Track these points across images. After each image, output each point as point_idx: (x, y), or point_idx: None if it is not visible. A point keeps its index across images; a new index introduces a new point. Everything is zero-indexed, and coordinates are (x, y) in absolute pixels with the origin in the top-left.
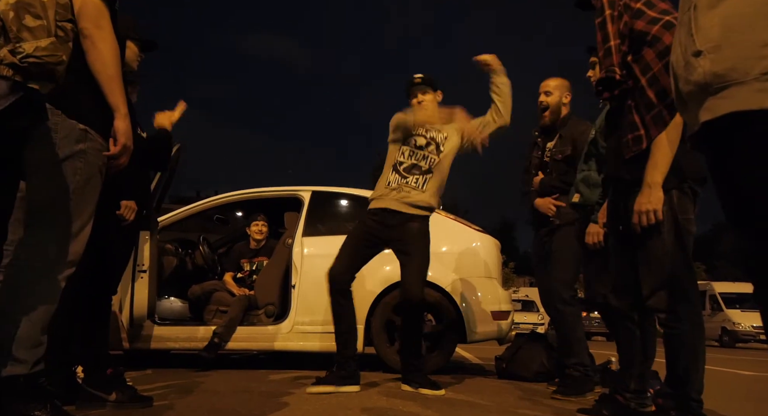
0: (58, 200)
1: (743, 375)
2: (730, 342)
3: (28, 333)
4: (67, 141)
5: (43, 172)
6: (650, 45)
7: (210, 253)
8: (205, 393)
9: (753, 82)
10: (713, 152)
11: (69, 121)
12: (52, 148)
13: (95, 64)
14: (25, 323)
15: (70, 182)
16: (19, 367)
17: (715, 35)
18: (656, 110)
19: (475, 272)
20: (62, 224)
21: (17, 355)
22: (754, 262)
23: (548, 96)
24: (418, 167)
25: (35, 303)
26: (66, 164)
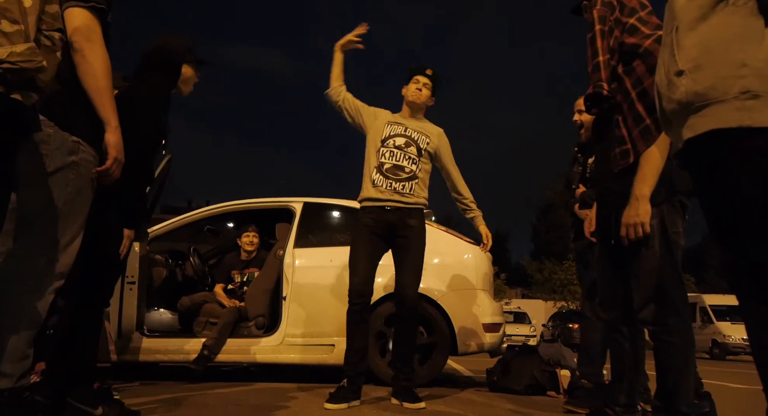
0: (48, 212)
1: (733, 388)
2: (720, 354)
3: (14, 346)
4: (60, 153)
5: (34, 183)
6: (642, 58)
7: (200, 264)
8: (194, 407)
9: (732, 101)
10: (696, 168)
11: (61, 132)
12: (43, 159)
13: (86, 78)
14: (11, 335)
15: (61, 193)
16: (4, 381)
17: (695, 55)
18: (644, 124)
19: (467, 284)
20: (52, 236)
21: (2, 368)
22: (737, 276)
23: (581, 115)
24: (401, 169)
25: (22, 316)
26: (57, 176)
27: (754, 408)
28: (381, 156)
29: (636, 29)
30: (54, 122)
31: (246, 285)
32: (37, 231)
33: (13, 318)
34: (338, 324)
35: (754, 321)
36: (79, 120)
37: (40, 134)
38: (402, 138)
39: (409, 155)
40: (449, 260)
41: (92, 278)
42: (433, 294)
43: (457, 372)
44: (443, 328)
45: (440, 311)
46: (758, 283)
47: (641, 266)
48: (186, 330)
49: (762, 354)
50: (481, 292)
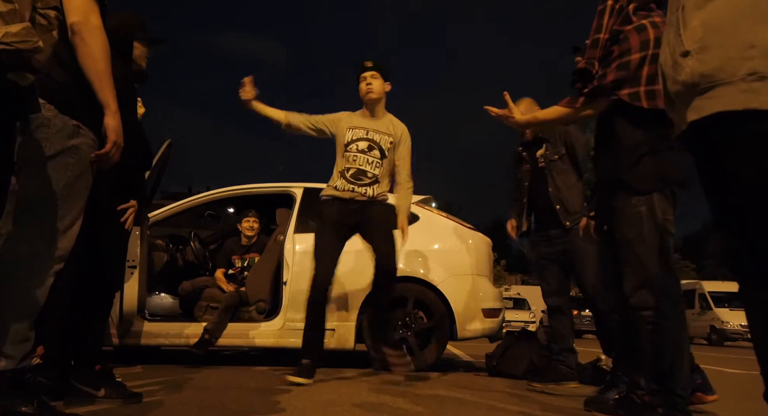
0: (48, 196)
1: (731, 373)
2: (718, 340)
3: (16, 328)
4: (60, 136)
5: (34, 167)
6: (619, 44)
7: (201, 249)
8: (195, 389)
9: (739, 83)
10: (700, 151)
11: (62, 116)
12: (43, 143)
13: (85, 61)
14: (13, 318)
15: (60, 177)
16: (6, 362)
17: (702, 36)
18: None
19: (467, 269)
20: (51, 219)
21: (4, 350)
22: (738, 260)
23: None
24: (365, 173)
25: (23, 299)
26: (57, 160)
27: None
28: (345, 161)
29: (629, 17)
30: (54, 105)
31: (246, 270)
32: (36, 214)
33: (13, 300)
34: (338, 309)
35: (755, 305)
36: (79, 104)
37: (40, 117)
38: (364, 142)
39: (372, 158)
40: (449, 246)
41: (95, 261)
42: (433, 280)
43: (456, 357)
44: (443, 313)
45: (440, 296)
46: (760, 266)
47: (631, 253)
48: (187, 315)
49: (761, 337)
50: (480, 277)
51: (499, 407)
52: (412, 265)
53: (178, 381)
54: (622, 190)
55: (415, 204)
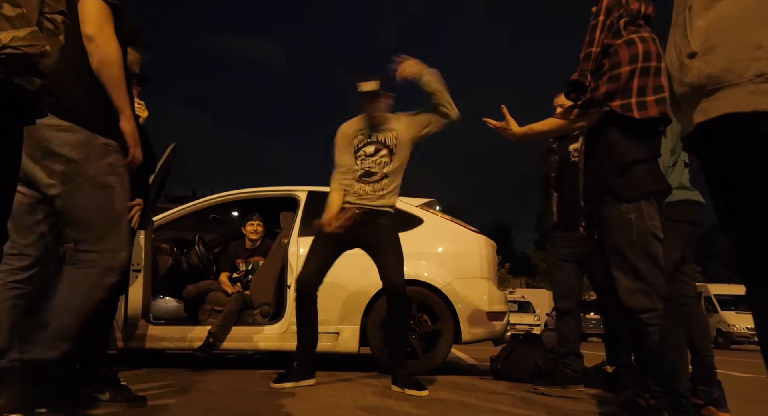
0: (103, 215)
1: (737, 377)
2: (725, 343)
3: (66, 326)
4: (95, 157)
5: (80, 190)
6: (609, 57)
7: (205, 252)
8: (199, 393)
9: (747, 84)
10: (706, 153)
11: (93, 136)
12: (82, 165)
13: (100, 68)
14: (66, 316)
15: (106, 194)
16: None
17: (709, 37)
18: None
19: (471, 272)
20: (113, 235)
21: (53, 344)
22: (745, 263)
23: (563, 108)
24: (373, 173)
25: (80, 300)
26: (99, 179)
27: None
28: (355, 165)
29: (619, 32)
30: (85, 127)
31: (251, 274)
32: (98, 234)
33: (79, 298)
34: (342, 312)
35: (762, 307)
36: (106, 120)
37: (72, 140)
38: (371, 146)
39: (380, 158)
40: (453, 249)
41: None
42: (437, 283)
43: (461, 361)
44: (447, 316)
45: (444, 299)
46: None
47: (621, 259)
48: (191, 318)
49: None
50: (485, 281)
51: (503, 410)
52: (416, 268)
53: (182, 384)
54: (611, 198)
55: (419, 207)
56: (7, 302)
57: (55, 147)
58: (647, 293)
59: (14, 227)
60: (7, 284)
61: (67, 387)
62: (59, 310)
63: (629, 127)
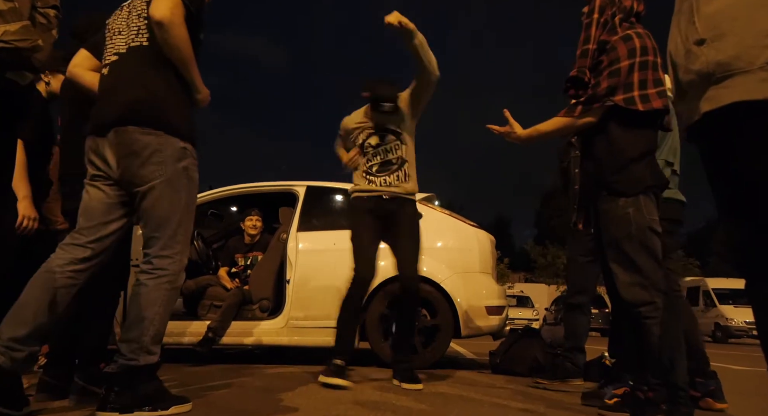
0: (173, 215)
1: (735, 370)
2: (723, 337)
3: (158, 331)
4: (172, 160)
5: (157, 191)
6: (607, 54)
7: (204, 248)
8: (199, 388)
9: (758, 72)
10: (711, 142)
11: (171, 139)
12: (160, 167)
13: (173, 51)
14: (158, 323)
15: (180, 198)
16: (152, 358)
17: (719, 23)
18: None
19: (470, 267)
20: (181, 237)
21: (153, 349)
22: (749, 254)
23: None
24: (390, 162)
25: (166, 306)
26: (173, 182)
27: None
28: (367, 161)
29: (614, 29)
30: (162, 130)
31: (250, 269)
32: (168, 234)
33: (160, 309)
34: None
35: (762, 299)
36: (183, 124)
37: (153, 143)
38: (374, 137)
39: (390, 145)
40: (452, 244)
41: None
42: (437, 277)
43: (460, 355)
44: (446, 311)
45: (443, 294)
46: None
47: (619, 253)
48: (190, 313)
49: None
50: (484, 275)
51: (502, 404)
52: None
53: (181, 379)
54: (609, 193)
55: (419, 202)
56: (62, 290)
57: (138, 149)
58: (645, 286)
59: (86, 221)
60: (65, 272)
61: (63, 383)
62: (149, 321)
63: (629, 121)
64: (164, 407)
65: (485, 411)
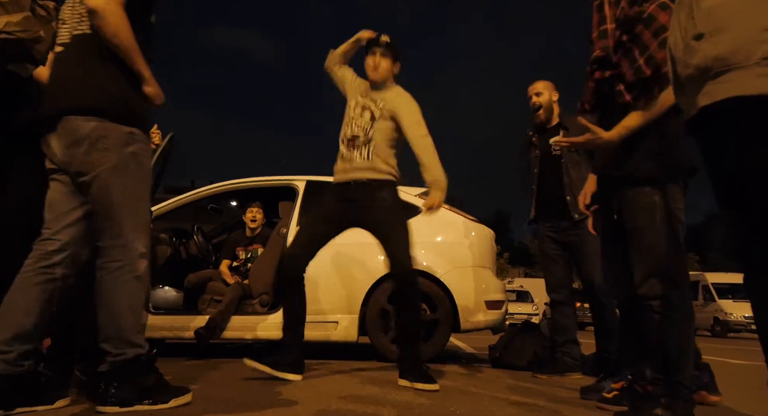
0: (124, 203)
1: (734, 364)
2: (722, 331)
3: (135, 322)
4: (118, 146)
5: (102, 178)
6: (645, 24)
7: (204, 242)
8: (199, 383)
9: (754, 67)
10: (709, 137)
11: (115, 125)
12: (105, 154)
13: (113, 38)
14: (133, 315)
15: (127, 184)
16: (139, 349)
17: (717, 18)
18: (646, 91)
19: (470, 262)
20: (132, 224)
21: (135, 340)
22: (746, 246)
23: (539, 97)
24: (357, 138)
25: (133, 296)
26: (120, 168)
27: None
28: (345, 127)
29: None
30: (107, 117)
31: (250, 262)
32: (117, 221)
33: (128, 300)
34: (341, 301)
35: (760, 292)
36: (127, 109)
37: (98, 129)
38: (359, 108)
39: (363, 121)
40: (452, 238)
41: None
42: (436, 272)
43: (459, 349)
44: (446, 305)
45: (443, 288)
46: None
47: (642, 242)
48: (191, 308)
49: (765, 325)
50: (483, 269)
51: (502, 398)
52: (415, 258)
53: (182, 374)
54: (634, 179)
55: (418, 196)
56: (37, 287)
57: (81, 136)
58: (662, 279)
59: (50, 214)
60: (36, 270)
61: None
62: (123, 315)
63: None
64: (164, 400)
65: (485, 405)
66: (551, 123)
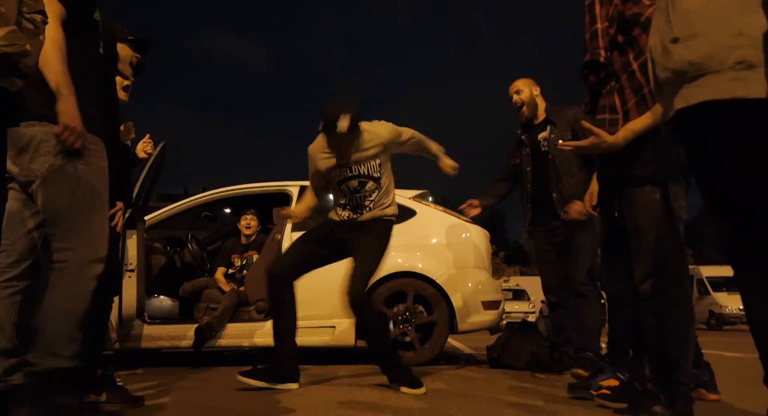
0: (70, 205)
1: (730, 357)
2: (717, 324)
3: (62, 330)
4: (61, 149)
5: (48, 182)
6: (643, 28)
7: (199, 250)
8: (196, 392)
9: (728, 71)
10: (688, 138)
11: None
12: (50, 157)
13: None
14: (63, 320)
15: (75, 186)
16: (62, 362)
17: (692, 22)
18: (641, 94)
19: (466, 263)
20: (84, 227)
21: (60, 351)
22: (733, 248)
23: (519, 94)
24: (363, 199)
25: (69, 300)
26: (67, 170)
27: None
28: (342, 197)
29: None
30: (48, 121)
31: (245, 268)
32: (66, 226)
33: (61, 304)
34: (338, 306)
35: (751, 291)
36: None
37: (40, 133)
38: (354, 180)
39: (368, 190)
40: (447, 240)
41: None
42: (432, 274)
43: (457, 350)
44: (443, 307)
45: (439, 290)
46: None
47: (643, 241)
48: (186, 317)
49: (759, 323)
50: (479, 270)
51: (501, 399)
52: (410, 260)
53: (179, 383)
54: (634, 179)
55: (412, 199)
56: (4, 301)
57: (24, 143)
58: (663, 277)
59: (6, 226)
60: (0, 284)
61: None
62: (52, 318)
63: None
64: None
65: (484, 407)
66: (538, 119)
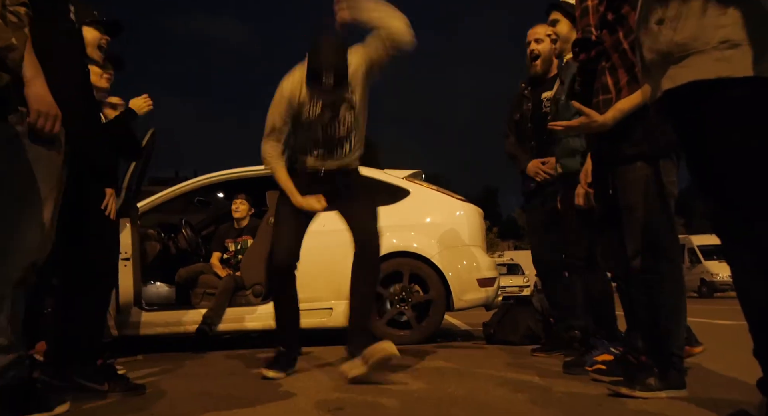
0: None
1: (720, 325)
2: (708, 292)
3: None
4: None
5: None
6: (632, 6)
7: (193, 236)
8: (197, 377)
9: (712, 51)
10: (675, 118)
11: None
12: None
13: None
14: None
15: (6, 169)
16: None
17: (677, 3)
18: (633, 72)
19: (460, 241)
20: (12, 212)
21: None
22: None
23: (539, 44)
24: (338, 138)
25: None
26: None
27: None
28: (313, 132)
29: None
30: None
31: (240, 254)
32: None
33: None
34: (334, 288)
35: (739, 266)
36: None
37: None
38: (327, 111)
39: (342, 123)
40: (441, 219)
41: (82, 254)
42: (427, 253)
43: (454, 327)
44: (438, 286)
45: (435, 269)
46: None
47: (634, 217)
48: (184, 302)
49: (746, 296)
50: (474, 248)
51: (498, 375)
52: (405, 240)
53: (179, 369)
54: (625, 154)
55: (405, 179)
56: None
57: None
58: (654, 252)
59: None
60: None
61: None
62: None
63: None
64: None
65: (481, 384)
66: (548, 74)
